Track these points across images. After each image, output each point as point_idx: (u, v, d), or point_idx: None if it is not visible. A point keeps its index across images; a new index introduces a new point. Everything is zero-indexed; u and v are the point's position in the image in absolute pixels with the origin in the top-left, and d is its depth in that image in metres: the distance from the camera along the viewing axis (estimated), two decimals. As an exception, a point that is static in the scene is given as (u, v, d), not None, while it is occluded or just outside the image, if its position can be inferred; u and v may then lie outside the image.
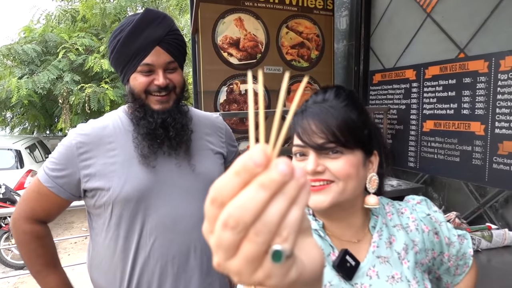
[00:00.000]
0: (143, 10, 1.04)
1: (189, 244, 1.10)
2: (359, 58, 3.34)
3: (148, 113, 1.05)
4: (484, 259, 1.48)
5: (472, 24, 2.34)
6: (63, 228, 5.87)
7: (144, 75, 1.04)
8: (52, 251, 1.13)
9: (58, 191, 1.06)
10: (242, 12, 3.00)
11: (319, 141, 0.69)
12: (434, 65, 2.65)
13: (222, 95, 3.01)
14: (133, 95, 1.06)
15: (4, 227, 4.44)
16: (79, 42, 6.42)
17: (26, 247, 1.09)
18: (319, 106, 0.72)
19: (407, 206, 0.85)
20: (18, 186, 5.56)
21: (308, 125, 0.70)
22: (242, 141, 3.14)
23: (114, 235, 1.08)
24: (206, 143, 1.19)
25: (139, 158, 1.06)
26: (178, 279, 1.10)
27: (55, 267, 1.12)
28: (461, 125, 2.46)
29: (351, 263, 0.71)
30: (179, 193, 1.10)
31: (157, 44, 1.03)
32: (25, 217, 1.08)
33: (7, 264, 4.46)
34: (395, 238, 0.77)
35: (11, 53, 6.36)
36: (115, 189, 1.04)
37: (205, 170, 1.14)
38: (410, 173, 2.90)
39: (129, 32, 1.01)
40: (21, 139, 6.79)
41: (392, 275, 0.72)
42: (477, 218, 2.35)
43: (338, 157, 0.69)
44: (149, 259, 1.07)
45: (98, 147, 1.06)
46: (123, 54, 1.03)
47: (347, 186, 0.70)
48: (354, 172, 0.70)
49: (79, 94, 6.31)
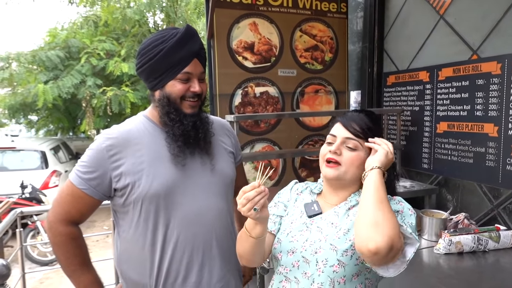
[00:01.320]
0: (185, 25, 1.17)
1: (211, 235, 1.21)
2: (373, 60, 3.36)
3: (182, 116, 1.16)
4: (492, 259, 1.50)
5: (485, 25, 2.35)
6: (85, 226, 6.08)
7: (182, 83, 1.15)
8: (85, 251, 1.20)
9: (92, 193, 1.13)
10: (257, 17, 3.08)
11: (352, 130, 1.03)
12: (447, 67, 2.65)
13: (237, 98, 3.09)
14: (169, 99, 1.16)
15: (31, 225, 4.64)
16: (100, 47, 6.63)
17: (63, 248, 1.15)
18: (358, 114, 1.07)
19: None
20: (43, 186, 5.79)
21: (349, 121, 1.05)
22: (257, 142, 3.21)
23: (142, 230, 1.16)
24: (221, 144, 1.31)
25: (169, 157, 1.16)
26: (203, 267, 1.20)
27: (88, 266, 1.20)
28: (475, 127, 2.46)
29: (315, 208, 1.06)
30: (201, 190, 1.20)
31: (196, 56, 1.16)
32: (60, 220, 1.15)
33: (33, 260, 4.66)
34: (354, 208, 1.04)
35: (36, 60, 6.64)
36: (144, 186, 1.12)
37: (221, 168, 1.26)
38: (424, 175, 2.90)
39: (174, 43, 1.12)
40: (46, 141, 7.05)
41: (332, 222, 1.02)
42: (490, 219, 2.35)
43: (352, 151, 1.02)
44: (176, 250, 1.17)
45: (126, 148, 1.14)
46: (165, 62, 1.13)
47: (348, 170, 1.02)
48: (356, 164, 1.02)
49: (100, 97, 6.52)
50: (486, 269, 1.46)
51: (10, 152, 6.35)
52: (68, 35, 7.19)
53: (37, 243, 4.60)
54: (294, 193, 1.16)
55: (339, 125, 1.06)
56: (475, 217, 2.45)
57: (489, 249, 1.54)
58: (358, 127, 1.03)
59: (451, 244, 1.52)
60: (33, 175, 5.77)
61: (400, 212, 0.97)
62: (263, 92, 3.16)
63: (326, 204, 1.08)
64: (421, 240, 1.71)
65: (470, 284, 1.35)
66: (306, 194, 1.14)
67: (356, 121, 1.04)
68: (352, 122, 1.04)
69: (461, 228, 1.66)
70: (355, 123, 1.04)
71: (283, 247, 1.03)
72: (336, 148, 1.01)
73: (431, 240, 1.68)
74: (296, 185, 1.20)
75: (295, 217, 1.09)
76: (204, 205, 1.20)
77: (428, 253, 1.57)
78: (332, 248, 0.96)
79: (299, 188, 1.17)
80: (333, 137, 1.05)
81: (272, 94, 3.19)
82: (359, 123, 1.03)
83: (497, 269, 1.45)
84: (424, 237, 1.72)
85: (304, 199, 1.12)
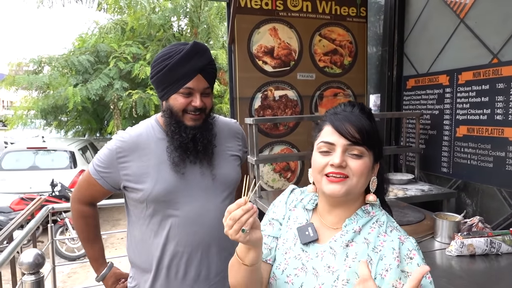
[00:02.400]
0: (191, 42, 1.23)
1: (211, 235, 1.30)
2: (392, 64, 3.36)
3: (182, 129, 1.24)
4: (505, 262, 1.51)
5: (505, 29, 2.33)
6: (111, 224, 6.30)
7: (183, 97, 1.23)
8: (92, 230, 1.39)
9: (102, 183, 1.29)
10: (276, 22, 3.15)
11: (352, 138, 0.85)
12: (467, 71, 2.64)
13: (257, 101, 3.17)
14: (171, 112, 1.25)
15: (60, 222, 4.86)
16: (127, 51, 6.87)
17: (75, 222, 1.38)
18: (351, 113, 0.88)
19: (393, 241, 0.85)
20: (72, 185, 6.03)
21: (344, 125, 0.86)
22: (276, 145, 3.27)
23: (148, 225, 1.29)
24: (225, 149, 1.39)
25: (170, 165, 1.26)
26: (201, 263, 1.30)
27: (92, 242, 1.39)
28: (495, 131, 2.44)
29: (310, 233, 0.91)
30: (201, 193, 1.29)
31: (199, 72, 1.22)
32: (77, 199, 1.36)
33: (62, 255, 4.88)
34: (353, 244, 0.87)
35: (68, 64, 6.97)
36: (147, 189, 1.24)
37: (223, 175, 1.34)
38: (443, 179, 2.89)
39: (178, 60, 1.19)
40: (74, 141, 7.36)
41: (329, 265, 0.87)
42: (510, 224, 2.32)
43: (358, 159, 0.85)
44: (177, 247, 1.28)
45: (134, 152, 1.26)
46: (169, 77, 1.21)
47: (358, 182, 0.85)
48: (366, 173, 0.86)
49: (127, 99, 6.75)
50: (498, 271, 1.47)
51: (42, 152, 6.67)
52: (97, 40, 7.49)
53: (66, 238, 4.82)
54: (288, 208, 1.01)
55: (331, 129, 0.87)
56: (494, 221, 2.43)
57: (502, 253, 1.55)
58: (359, 132, 0.85)
59: (463, 246, 1.54)
60: (63, 174, 6.04)
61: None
62: (282, 95, 3.23)
63: (322, 225, 0.93)
64: (433, 242, 1.73)
65: (479, 285, 1.36)
66: (299, 210, 0.99)
67: (354, 124, 0.86)
68: (349, 125, 0.85)
69: (475, 231, 1.66)
70: (353, 126, 0.85)
71: (278, 286, 0.92)
72: (341, 160, 0.84)
73: (444, 243, 1.69)
74: (292, 195, 1.04)
75: (288, 244, 0.94)
76: (205, 207, 1.30)
77: (440, 255, 1.59)
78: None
79: (293, 201, 1.02)
80: (329, 145, 0.86)
81: (291, 98, 3.25)
82: (358, 125, 0.86)
83: (509, 272, 1.46)
84: (437, 239, 1.73)
85: (298, 218, 0.97)
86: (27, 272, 1.33)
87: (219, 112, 7.44)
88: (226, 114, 7.43)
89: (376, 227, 0.88)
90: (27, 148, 6.72)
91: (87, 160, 6.98)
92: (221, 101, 7.63)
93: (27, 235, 1.96)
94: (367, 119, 0.88)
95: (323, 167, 0.86)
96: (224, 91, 7.34)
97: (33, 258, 1.32)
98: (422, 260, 0.82)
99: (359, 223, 0.89)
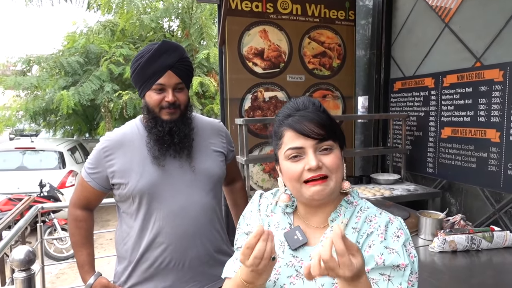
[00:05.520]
0: (160, 41, 1.29)
1: (195, 227, 1.36)
2: (380, 66, 3.44)
3: (159, 123, 1.31)
4: (485, 258, 1.57)
5: (488, 34, 2.41)
6: (99, 225, 6.25)
7: (157, 93, 1.30)
8: (82, 234, 1.41)
9: (93, 185, 1.36)
10: (267, 24, 3.19)
11: (318, 136, 0.82)
12: (451, 74, 2.72)
13: (247, 102, 3.20)
14: (148, 108, 1.32)
15: (48, 222, 4.83)
16: (117, 53, 6.84)
17: (68, 226, 1.45)
18: (305, 112, 0.85)
19: (382, 221, 0.85)
20: (61, 185, 5.99)
21: (305, 126, 0.83)
22: (266, 145, 3.31)
23: (135, 220, 1.35)
24: (209, 144, 1.45)
25: (151, 159, 1.32)
26: (185, 254, 1.35)
27: (80, 247, 1.41)
28: (478, 132, 2.52)
29: (299, 237, 0.87)
30: (184, 187, 1.35)
31: (169, 69, 1.28)
32: (73, 203, 1.42)
33: (50, 256, 4.84)
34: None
35: (57, 65, 6.91)
36: (132, 183, 1.31)
37: (206, 168, 1.39)
38: (429, 179, 2.96)
39: (148, 58, 1.27)
40: (63, 142, 7.29)
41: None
42: (492, 223, 2.40)
43: (329, 153, 0.83)
44: (162, 238, 1.33)
45: (118, 150, 1.33)
46: (142, 75, 1.29)
47: (338, 178, 0.84)
48: (340, 164, 0.84)
49: (117, 101, 6.72)
50: (477, 266, 1.52)
51: (30, 152, 6.60)
52: (86, 41, 7.43)
53: (55, 238, 4.79)
54: (264, 214, 0.95)
55: (293, 133, 0.84)
56: (477, 220, 2.51)
57: (482, 249, 1.61)
58: (322, 127, 0.83)
59: (445, 243, 1.59)
60: (51, 175, 5.98)
61: (401, 267, 0.76)
62: (272, 96, 3.27)
63: (308, 227, 0.89)
64: (417, 239, 1.78)
65: (459, 279, 1.42)
66: (279, 215, 0.94)
67: (313, 121, 0.83)
68: (310, 124, 0.83)
69: (457, 228, 1.73)
70: (314, 123, 0.83)
71: None
72: (317, 161, 0.81)
73: (427, 239, 1.75)
74: (264, 200, 0.99)
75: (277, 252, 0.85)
76: (188, 200, 1.35)
77: (423, 251, 1.65)
78: None
79: (268, 206, 0.96)
80: (297, 150, 0.83)
81: (281, 99, 3.30)
82: (318, 121, 0.83)
83: (487, 267, 1.52)
84: (421, 236, 1.79)
85: (279, 223, 0.92)
86: (18, 269, 1.34)
87: (211, 113, 7.45)
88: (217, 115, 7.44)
89: (362, 214, 0.87)
90: (15, 148, 6.65)
91: (76, 161, 6.92)
92: (213, 102, 7.63)
93: (17, 233, 1.96)
94: (321, 111, 0.86)
95: (300, 174, 0.82)
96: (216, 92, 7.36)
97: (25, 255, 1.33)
98: (408, 239, 0.82)
99: (346, 215, 0.87)
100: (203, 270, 1.39)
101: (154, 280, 1.35)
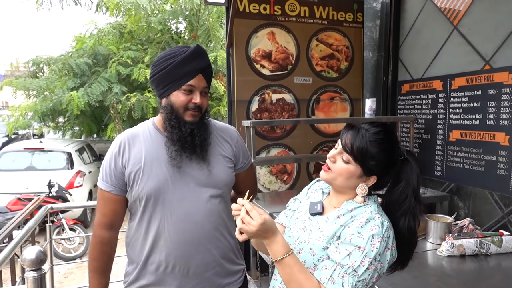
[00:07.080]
0: (195, 45, 1.31)
1: (200, 232, 1.35)
2: (388, 69, 3.43)
3: (181, 124, 1.31)
4: (493, 262, 1.56)
5: (497, 37, 2.39)
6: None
7: (185, 94, 1.30)
8: (105, 260, 1.38)
9: (114, 190, 1.34)
10: (274, 26, 3.20)
11: (344, 147, 1.07)
12: (460, 76, 2.70)
13: (254, 104, 3.21)
14: (172, 108, 1.31)
15: (56, 222, 4.88)
16: (125, 55, 6.89)
17: (91, 249, 1.39)
18: (365, 131, 1.05)
19: (367, 215, 1.04)
20: (69, 185, 6.05)
21: (346, 137, 1.06)
22: (273, 147, 3.32)
23: (141, 222, 1.35)
24: (219, 149, 1.43)
25: (166, 159, 1.31)
26: (189, 260, 1.34)
27: (101, 274, 1.38)
28: (486, 135, 2.50)
29: (318, 208, 1.14)
30: (192, 192, 1.34)
31: (201, 72, 1.30)
32: (98, 224, 1.37)
33: (58, 256, 4.89)
34: (343, 218, 1.08)
35: (65, 67, 6.98)
36: (140, 184, 1.31)
37: (217, 174, 1.39)
38: (436, 182, 2.94)
39: (182, 59, 1.28)
40: (71, 142, 7.36)
41: (320, 227, 1.09)
42: (501, 227, 2.37)
43: (345, 164, 1.06)
44: (166, 243, 1.32)
45: (130, 149, 1.34)
46: (173, 74, 1.29)
47: (336, 178, 1.08)
48: (345, 175, 1.06)
49: (125, 103, 6.77)
50: (486, 271, 1.51)
51: (39, 152, 6.67)
52: (95, 42, 7.50)
53: (63, 237, 4.83)
54: (310, 191, 1.26)
55: (346, 135, 1.07)
56: (486, 224, 2.49)
57: (491, 253, 1.60)
58: (351, 145, 1.04)
59: (454, 247, 1.59)
60: (59, 175, 6.04)
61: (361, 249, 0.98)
62: (279, 98, 3.28)
63: (329, 205, 1.15)
64: (425, 243, 1.77)
65: (468, 284, 1.41)
66: (318, 193, 1.22)
67: (353, 138, 1.04)
68: (355, 140, 1.04)
69: (465, 232, 1.72)
70: (351, 140, 1.04)
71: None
72: (332, 156, 1.08)
73: (435, 243, 1.74)
74: (316, 184, 1.27)
75: (301, 213, 1.19)
76: (194, 206, 1.34)
77: (432, 255, 1.64)
78: (311, 252, 1.05)
79: (315, 187, 1.25)
80: (337, 144, 1.10)
81: (288, 101, 3.30)
82: (356, 141, 1.04)
83: (496, 271, 1.51)
84: (429, 240, 1.78)
85: (315, 198, 1.21)
86: (30, 268, 1.35)
87: (217, 115, 7.47)
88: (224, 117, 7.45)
89: (367, 212, 1.04)
90: (24, 149, 6.72)
91: (83, 161, 6.99)
92: (219, 104, 7.66)
93: (28, 233, 1.99)
94: (372, 141, 1.03)
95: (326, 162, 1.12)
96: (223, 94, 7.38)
97: (36, 255, 1.34)
98: (379, 235, 0.97)
99: (353, 205, 1.09)
100: (210, 278, 1.37)
101: (161, 284, 1.34)
